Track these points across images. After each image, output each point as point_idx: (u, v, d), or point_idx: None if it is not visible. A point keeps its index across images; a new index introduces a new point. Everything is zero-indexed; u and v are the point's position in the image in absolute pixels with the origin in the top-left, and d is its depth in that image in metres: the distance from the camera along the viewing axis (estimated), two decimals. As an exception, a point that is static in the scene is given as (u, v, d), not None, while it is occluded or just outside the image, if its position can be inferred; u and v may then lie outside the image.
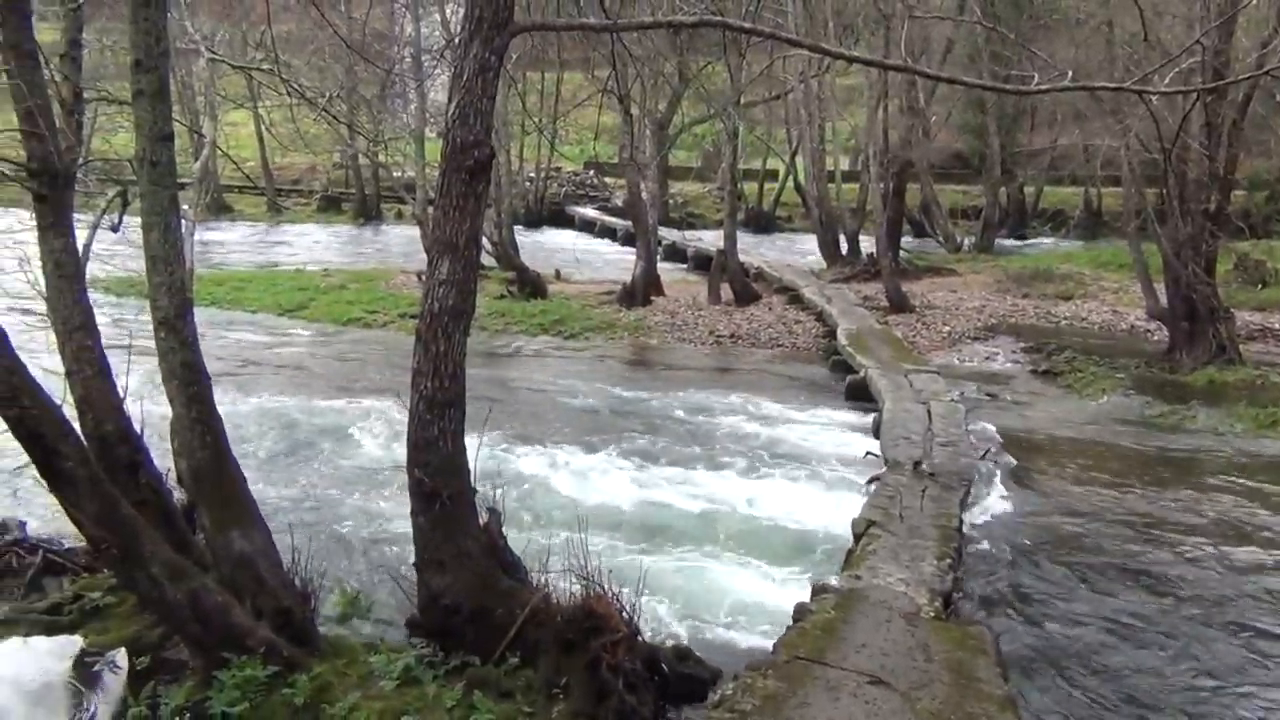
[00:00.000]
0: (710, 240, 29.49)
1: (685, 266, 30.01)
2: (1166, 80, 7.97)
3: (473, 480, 6.54)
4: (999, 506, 10.13)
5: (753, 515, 9.89)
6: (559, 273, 26.62)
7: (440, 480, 6.28)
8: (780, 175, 40.03)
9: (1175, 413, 13.48)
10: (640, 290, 22.61)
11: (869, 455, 11.37)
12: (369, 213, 43.22)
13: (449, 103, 6.25)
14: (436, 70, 21.54)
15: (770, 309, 22.06)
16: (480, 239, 6.57)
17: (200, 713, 5.88)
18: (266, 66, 11.07)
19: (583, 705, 5.74)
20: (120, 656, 6.82)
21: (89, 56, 8.94)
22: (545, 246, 32.94)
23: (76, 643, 7.00)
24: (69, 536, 7.91)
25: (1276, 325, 18.92)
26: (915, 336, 18.66)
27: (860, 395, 14.30)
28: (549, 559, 6.61)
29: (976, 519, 9.60)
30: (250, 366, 16.47)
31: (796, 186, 35.90)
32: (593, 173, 45.96)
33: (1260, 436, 12.46)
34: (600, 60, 17.27)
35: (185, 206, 7.13)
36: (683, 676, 6.35)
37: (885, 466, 10.22)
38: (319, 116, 14.50)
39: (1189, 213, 15.38)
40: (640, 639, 6.16)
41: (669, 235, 32.02)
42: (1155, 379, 15.25)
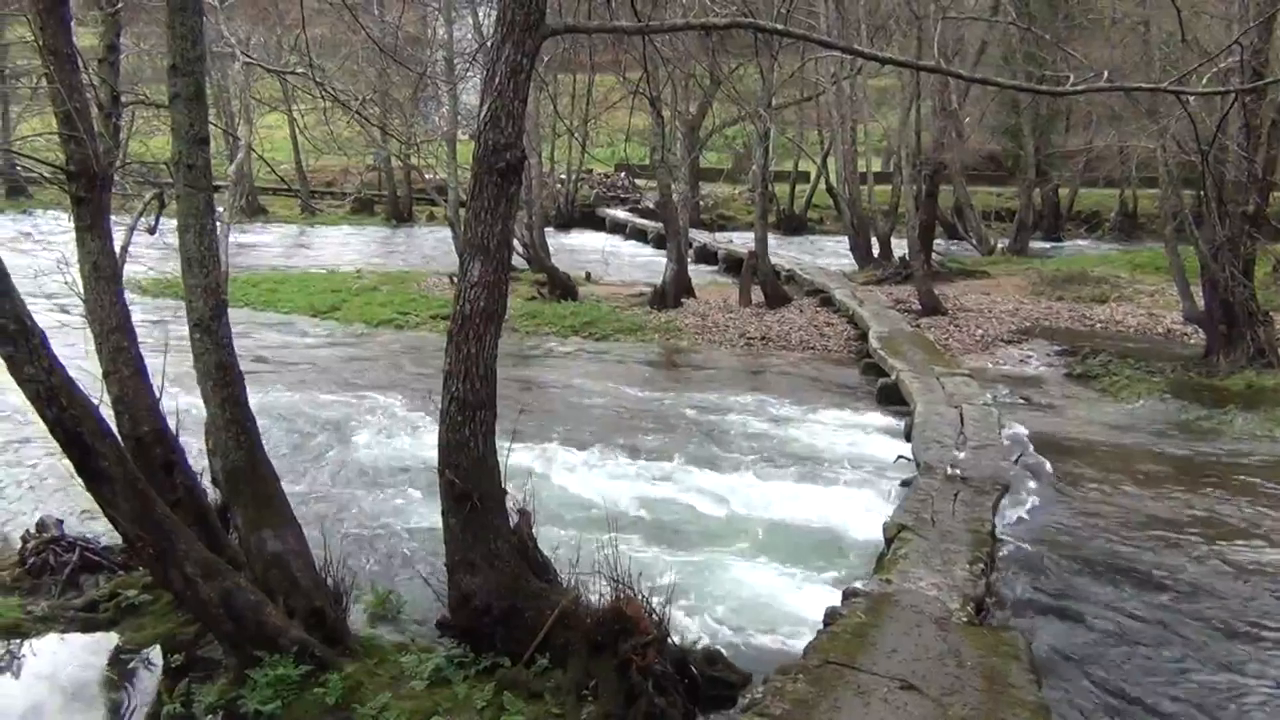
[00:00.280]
0: (741, 242, 29.43)
1: (716, 268, 29.93)
2: (1204, 81, 7.86)
3: (503, 482, 6.56)
4: (1032, 511, 10.03)
5: (782, 518, 9.85)
6: (589, 274, 26.65)
7: (471, 482, 6.30)
8: (812, 177, 39.84)
9: (1212, 417, 13.30)
10: (671, 292, 22.59)
11: (900, 459, 11.31)
12: (401, 215, 43.43)
13: (481, 105, 6.28)
14: (468, 73, 21.62)
15: (801, 311, 21.97)
16: (511, 241, 6.59)
17: (234, 711, 5.94)
18: (301, 70, 11.18)
19: (612, 707, 5.74)
20: (155, 654, 6.91)
21: (126, 61, 9.04)
22: (576, 248, 32.98)
23: (112, 640, 7.11)
24: (106, 534, 8.01)
25: (1316, 329, 18.62)
26: (948, 339, 18.53)
27: (892, 398, 14.22)
28: (579, 561, 6.62)
29: (1010, 523, 9.52)
30: (283, 367, 16.59)
31: (828, 188, 35.73)
32: (624, 175, 45.97)
33: (1299, 442, 12.28)
34: (631, 62, 17.25)
35: (220, 209, 7.21)
36: (712, 680, 6.35)
37: (917, 470, 10.16)
38: (352, 119, 14.62)
39: (1227, 215, 15.17)
40: (670, 642, 6.15)
41: (700, 237, 32.00)
42: (1192, 383, 15.05)
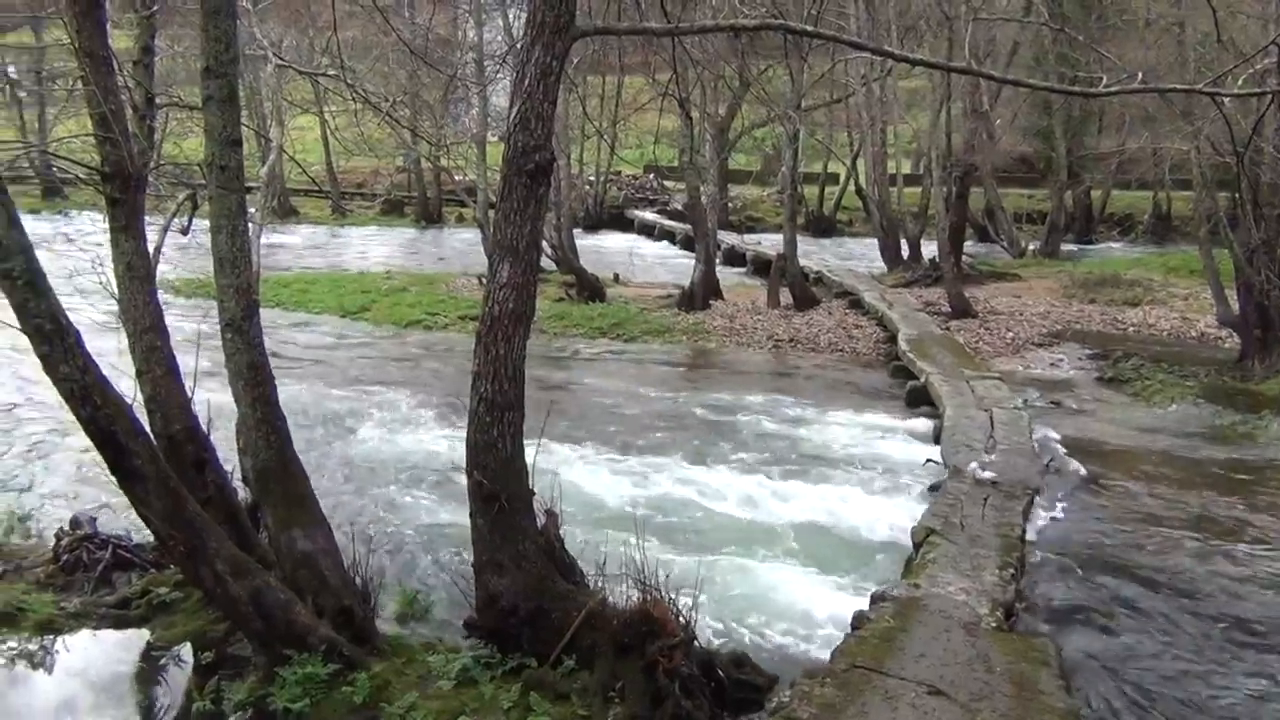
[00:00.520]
0: (770, 244, 29.35)
1: (744, 270, 29.89)
2: (1240, 82, 7.77)
3: (530, 483, 6.57)
4: (1063, 516, 9.93)
5: (809, 521, 9.82)
6: (617, 276, 26.67)
7: (499, 483, 6.31)
8: (841, 179, 39.74)
9: (1246, 422, 13.13)
10: (699, 294, 22.57)
11: (930, 462, 11.24)
12: (430, 216, 43.67)
13: (510, 107, 6.29)
14: (498, 75, 21.69)
15: (830, 314, 21.90)
16: (540, 243, 6.60)
17: (262, 708, 5.98)
18: (332, 72, 11.25)
19: (639, 709, 5.74)
20: (186, 651, 6.96)
21: (161, 63, 9.12)
22: (604, 250, 33.02)
23: (144, 637, 7.17)
24: (138, 532, 8.08)
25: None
26: (978, 342, 18.41)
27: (921, 401, 14.15)
28: (605, 562, 6.62)
29: (1040, 528, 9.44)
30: (313, 366, 16.70)
31: (858, 190, 35.62)
32: (652, 176, 46.00)
33: (1336, 448, 12.11)
34: (661, 64, 17.26)
35: (252, 210, 7.26)
36: (739, 683, 6.32)
37: (946, 474, 10.10)
38: (383, 121, 14.71)
39: (1262, 217, 14.97)
40: (696, 644, 6.14)
41: (728, 239, 31.97)
42: (1226, 387, 14.86)
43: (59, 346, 5.30)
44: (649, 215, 41.79)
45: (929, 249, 26.94)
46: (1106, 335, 19.27)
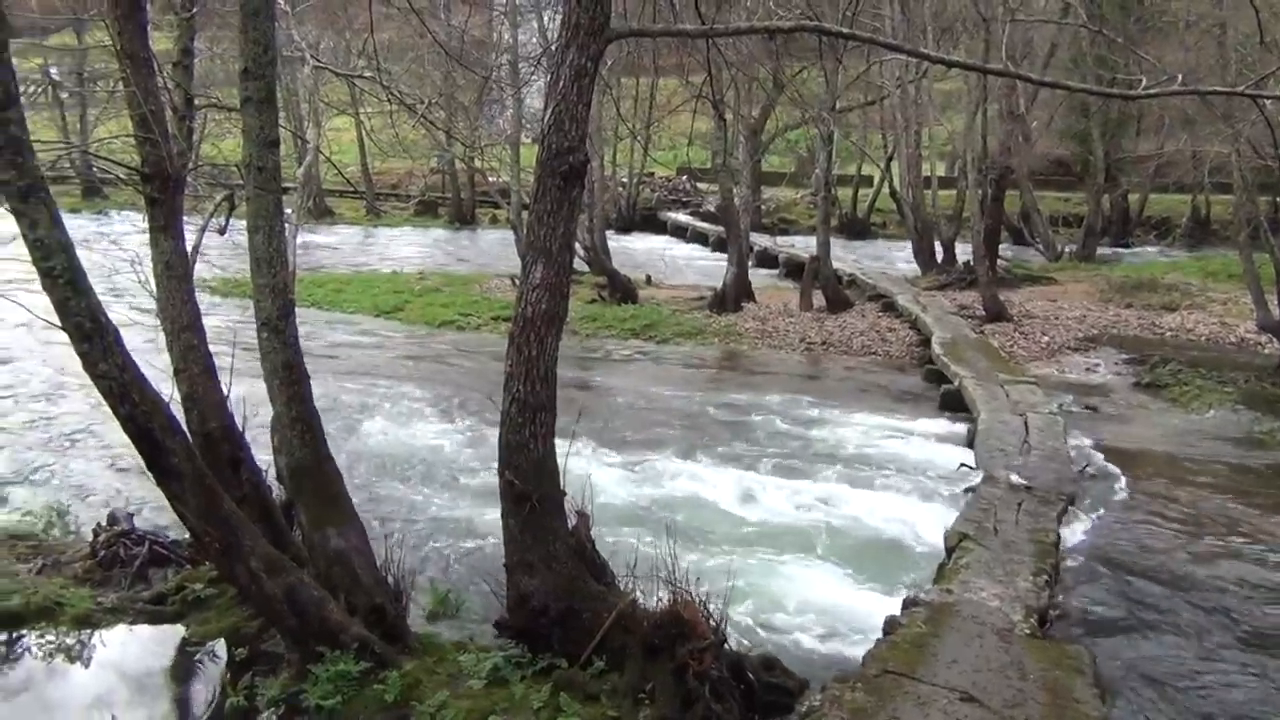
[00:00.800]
0: (803, 246, 29.27)
1: (777, 272, 29.80)
2: (1283, 84, 7.67)
3: (562, 484, 6.58)
4: (1099, 522, 9.84)
5: (840, 524, 9.77)
6: (650, 278, 26.67)
7: (530, 483, 6.33)
8: (875, 181, 39.54)
9: (1287, 429, 12.97)
10: (731, 296, 22.53)
11: (963, 467, 11.16)
12: (464, 217, 43.87)
13: (545, 109, 6.30)
14: (533, 77, 21.77)
15: (863, 316, 21.79)
16: (574, 244, 6.61)
17: (295, 705, 6.02)
18: (368, 74, 11.34)
19: (668, 711, 5.73)
20: (220, 647, 7.02)
21: (200, 65, 9.21)
22: (637, 251, 33.04)
23: (179, 632, 7.24)
24: (174, 528, 8.17)
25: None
26: (1012, 346, 18.24)
27: (954, 406, 14.05)
28: (636, 563, 6.62)
29: (1075, 534, 9.35)
30: (345, 366, 16.82)
31: (891, 193, 35.42)
32: (685, 178, 45.99)
33: (1379, 456, 11.91)
34: (695, 66, 17.25)
35: (288, 210, 7.32)
36: (769, 686, 6.29)
37: (980, 479, 10.02)
38: (418, 122, 14.78)
39: (1305, 221, 14.77)
40: (727, 647, 6.12)
41: (761, 241, 31.87)
42: (1265, 394, 14.65)
43: (98, 344, 5.36)
44: (681, 217, 41.76)
45: (963, 252, 26.75)
46: (1143, 340, 19.04)
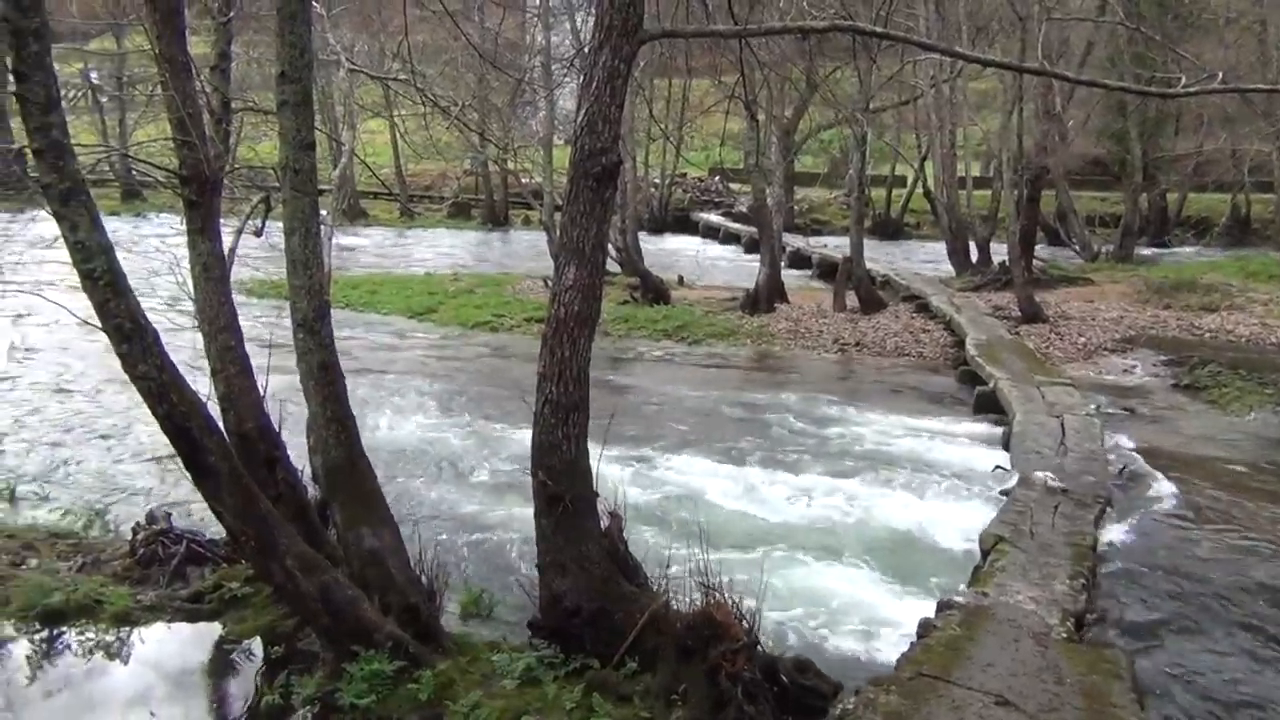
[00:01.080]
0: (836, 247, 29.15)
1: (810, 273, 29.72)
2: (1326, 82, 7.55)
3: (594, 484, 6.59)
4: (1137, 525, 9.72)
5: (873, 526, 9.73)
6: (682, 278, 26.66)
7: (563, 484, 6.34)
8: (909, 181, 39.35)
9: (1329, 432, 12.78)
10: (764, 297, 22.48)
11: (998, 469, 11.07)
12: (497, 219, 44.07)
13: (578, 110, 6.32)
14: (566, 78, 21.82)
15: (897, 317, 21.68)
16: (606, 245, 6.61)
17: (330, 703, 6.06)
18: (403, 76, 11.41)
19: (701, 713, 5.72)
20: (256, 645, 7.09)
21: (237, 69, 9.31)
22: (669, 252, 33.03)
23: (215, 630, 7.31)
24: (211, 527, 8.25)
25: None
26: (1048, 348, 18.08)
27: (989, 407, 13.93)
28: (669, 564, 6.62)
29: (1112, 537, 9.25)
30: (380, 366, 16.92)
31: (926, 193, 35.24)
32: (717, 179, 45.95)
33: None
34: (727, 66, 17.23)
35: (324, 212, 7.38)
36: (803, 688, 6.26)
37: (1015, 481, 9.93)
38: (451, 124, 14.86)
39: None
40: (760, 648, 6.10)
41: (794, 242, 31.79)
42: (1308, 396, 14.45)
43: (137, 345, 5.42)
44: (714, 218, 41.74)
45: (998, 253, 26.56)
46: (1182, 341, 18.80)
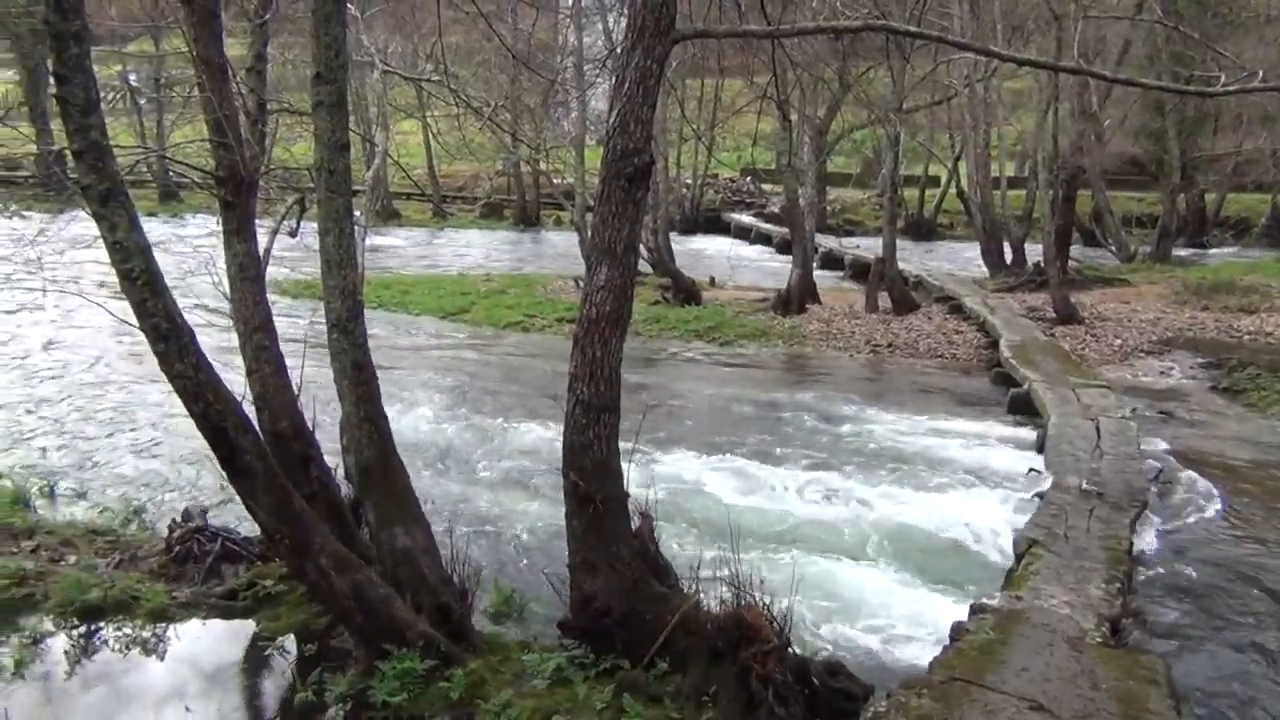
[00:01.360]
0: (868, 248, 29.00)
1: (842, 274, 29.60)
2: (1370, 80, 7.42)
3: (625, 485, 6.59)
4: (1174, 530, 9.61)
5: (905, 528, 9.67)
6: (713, 279, 26.63)
7: (594, 484, 6.34)
8: (942, 182, 39.09)
9: (1372, 436, 12.56)
10: (795, 297, 22.41)
11: (1032, 472, 10.98)
12: (529, 219, 44.20)
13: (610, 111, 6.32)
14: (598, 79, 21.84)
15: (930, 318, 21.55)
16: (638, 246, 6.61)
17: (363, 701, 6.10)
18: (436, 77, 11.46)
19: (731, 715, 5.71)
20: (290, 642, 7.14)
21: (272, 70, 9.39)
22: (700, 253, 33.00)
23: (250, 627, 7.37)
24: (245, 525, 8.32)
25: None
26: (1084, 349, 17.90)
27: (1023, 409, 13.82)
28: (699, 565, 6.61)
29: (1149, 541, 9.15)
30: (413, 367, 17.02)
31: (959, 193, 34.99)
32: (749, 179, 45.83)
33: None
34: (760, 66, 17.20)
35: (357, 213, 7.42)
36: (834, 691, 6.23)
37: (1049, 484, 9.84)
38: (484, 125, 14.91)
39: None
40: (791, 650, 6.08)
41: (826, 242, 31.64)
42: (1350, 399, 14.22)
43: (174, 344, 5.48)
44: (746, 218, 41.65)
45: (1033, 253, 26.36)
46: (1220, 343, 18.55)
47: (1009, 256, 27.74)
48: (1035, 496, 9.87)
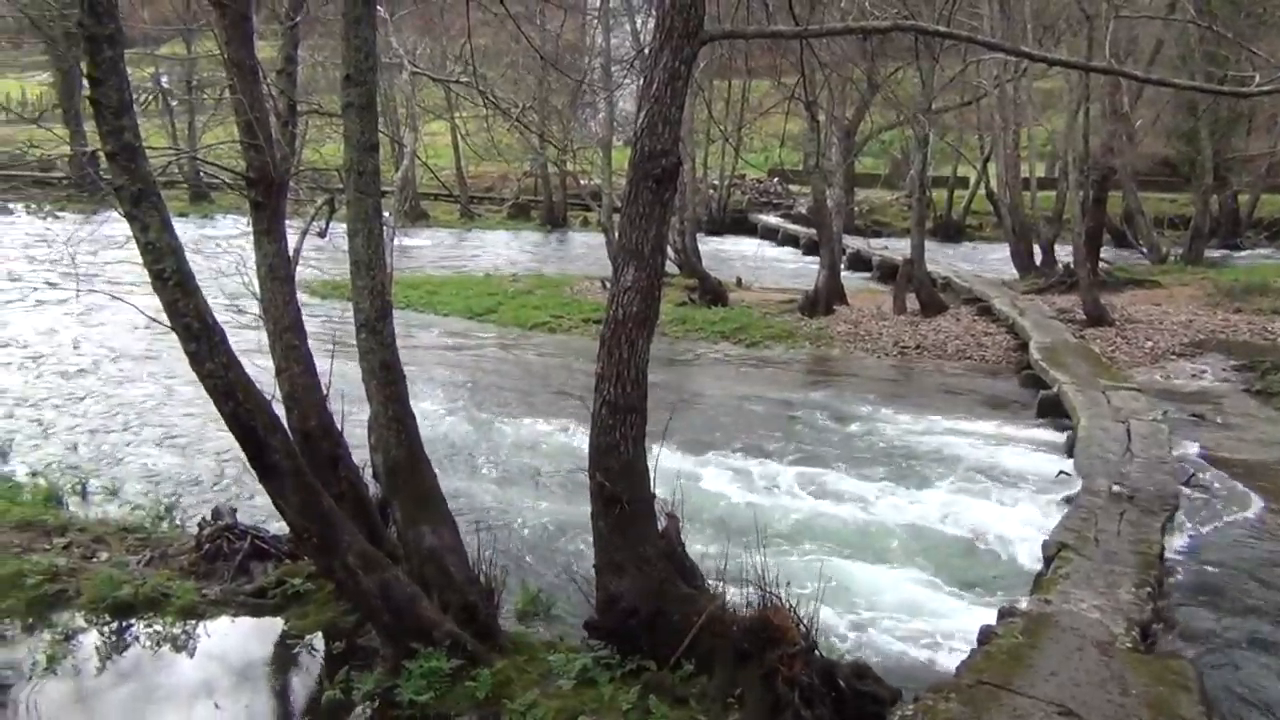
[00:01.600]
0: (896, 249, 28.88)
1: (869, 275, 29.47)
2: None
3: (652, 486, 6.58)
4: (1206, 534, 9.51)
5: (934, 530, 9.63)
6: (740, 280, 26.57)
7: (620, 485, 6.34)
8: (971, 182, 38.85)
9: None
10: (823, 299, 22.33)
11: (1062, 475, 10.89)
12: (556, 220, 44.26)
13: (638, 112, 6.32)
14: (626, 80, 21.86)
15: (958, 320, 21.41)
16: (665, 247, 6.61)
17: (389, 699, 6.12)
18: (464, 79, 11.49)
19: (757, 717, 5.70)
20: (318, 640, 7.20)
21: (302, 72, 9.45)
22: (727, 253, 32.96)
23: (278, 625, 7.43)
24: (274, 523, 8.37)
25: None
26: (1114, 352, 17.73)
27: (1053, 412, 13.71)
28: (725, 566, 6.60)
29: (1180, 545, 9.06)
30: (440, 363, 17.09)
31: (988, 194, 34.75)
32: (776, 180, 45.69)
33: None
34: (788, 67, 17.14)
35: (386, 213, 7.46)
36: (860, 694, 6.20)
37: (1079, 487, 9.76)
38: (512, 126, 14.96)
39: None
40: (817, 653, 6.06)
41: (853, 243, 31.45)
42: (1387, 403, 14.03)
43: (205, 344, 5.52)
44: (773, 219, 41.54)
45: (1062, 255, 26.15)
46: (1254, 346, 18.32)
47: (1038, 258, 27.54)
48: (1064, 500, 9.80)
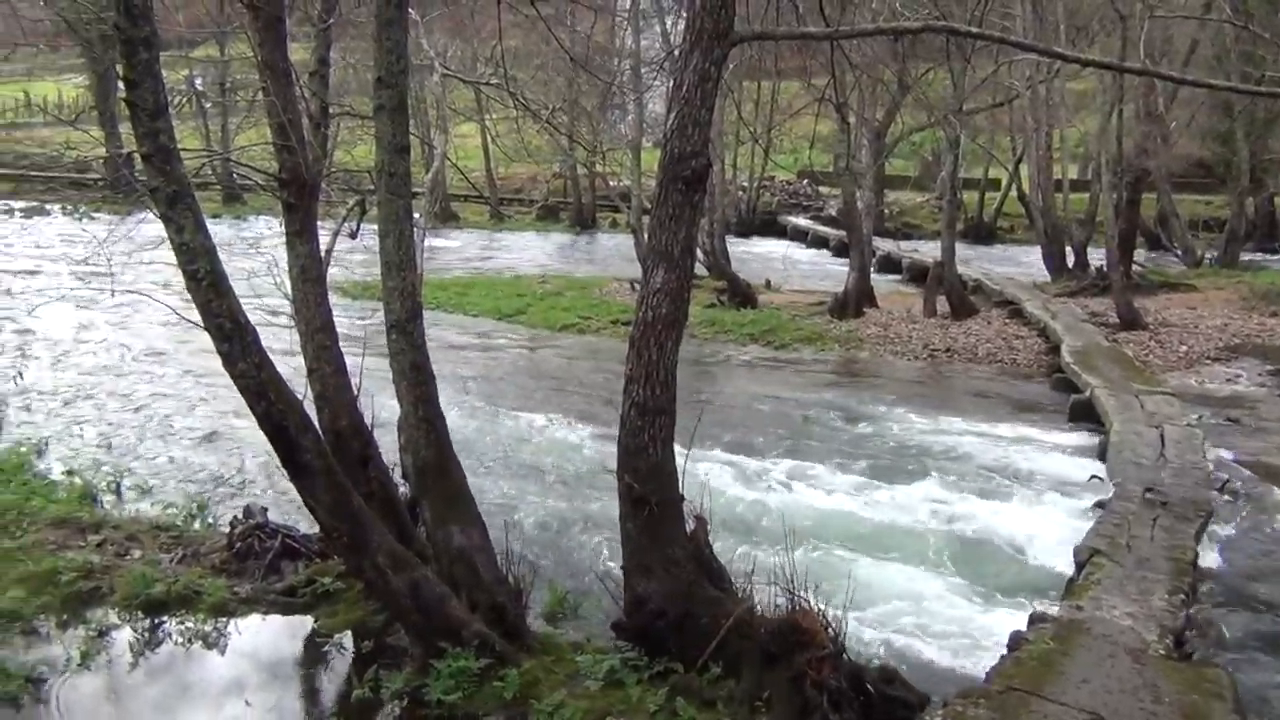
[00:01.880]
0: (927, 251, 28.72)
1: (900, 278, 29.30)
2: None
3: (680, 487, 6.58)
4: (1241, 540, 9.40)
5: (963, 534, 9.56)
6: (769, 282, 26.49)
7: (649, 487, 6.34)
8: (1003, 184, 38.56)
9: None
10: (852, 301, 22.24)
11: (1094, 479, 10.79)
12: (585, 222, 44.28)
13: (668, 114, 6.32)
14: (655, 82, 21.87)
15: (989, 323, 21.27)
16: (695, 249, 6.60)
17: (417, 698, 6.15)
18: (494, 80, 11.53)
19: (785, 720, 5.68)
20: (347, 639, 7.24)
21: (334, 74, 9.51)
22: (756, 255, 32.86)
23: (308, 624, 7.48)
24: (305, 522, 8.43)
25: None
26: (1148, 355, 17.55)
27: (1085, 416, 13.59)
28: (754, 569, 6.58)
29: (1215, 552, 8.95)
30: (469, 364, 17.16)
31: (1020, 196, 34.48)
32: (806, 182, 45.54)
33: None
34: (818, 68, 17.10)
35: (416, 215, 7.50)
36: (888, 699, 6.16)
37: (1112, 492, 9.67)
38: (542, 128, 14.98)
39: None
40: (846, 656, 6.04)
41: (883, 245, 31.32)
42: None
43: (238, 344, 5.57)
44: (802, 221, 41.40)
45: (1095, 257, 25.92)
46: (1291, 350, 18.11)
47: (1071, 261, 27.28)
48: (1096, 505, 9.71)
